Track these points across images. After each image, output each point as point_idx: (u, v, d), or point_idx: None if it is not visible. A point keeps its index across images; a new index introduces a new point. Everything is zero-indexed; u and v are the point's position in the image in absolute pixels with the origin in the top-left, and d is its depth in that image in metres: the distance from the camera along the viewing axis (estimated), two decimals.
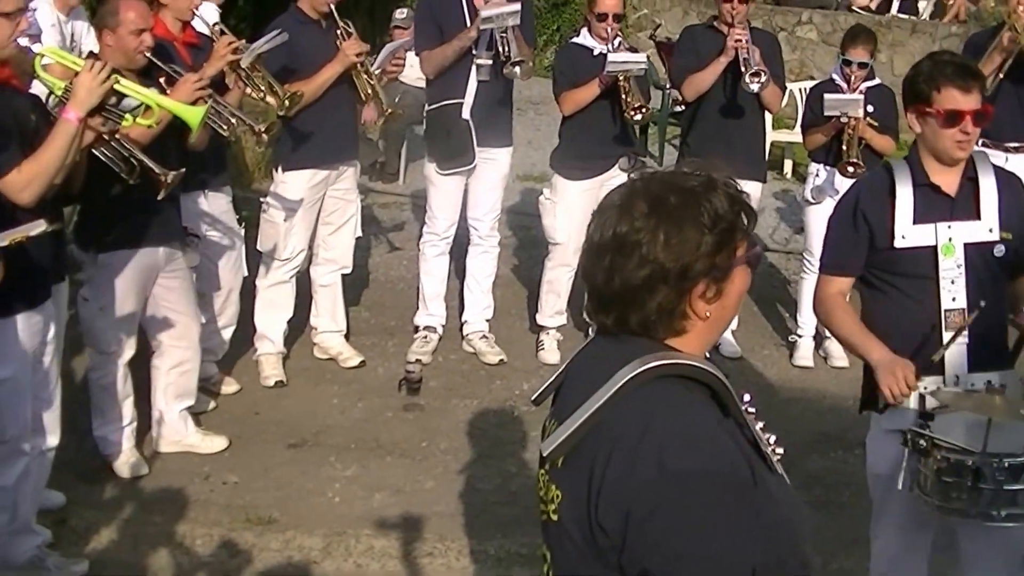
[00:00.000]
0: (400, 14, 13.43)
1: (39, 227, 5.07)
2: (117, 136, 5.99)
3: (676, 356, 2.71)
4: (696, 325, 2.75)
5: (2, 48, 5.32)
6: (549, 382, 3.04)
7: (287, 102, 7.51)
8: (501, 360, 8.85)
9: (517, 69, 8.19)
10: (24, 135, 5.40)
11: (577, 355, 3.00)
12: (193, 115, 5.88)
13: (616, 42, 8.38)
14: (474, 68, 8.38)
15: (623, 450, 2.59)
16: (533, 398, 3.11)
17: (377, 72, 8.13)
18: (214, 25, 7.66)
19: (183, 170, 6.39)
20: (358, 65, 7.95)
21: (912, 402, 4.88)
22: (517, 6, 8.16)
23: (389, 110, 8.17)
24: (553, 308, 9.05)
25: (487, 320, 9.06)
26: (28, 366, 5.65)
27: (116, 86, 5.43)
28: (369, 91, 8.07)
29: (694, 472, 2.54)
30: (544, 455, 2.79)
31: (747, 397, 2.82)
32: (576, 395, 2.76)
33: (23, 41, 5.40)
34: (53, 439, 6.11)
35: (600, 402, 2.66)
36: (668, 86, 14.02)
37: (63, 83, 5.56)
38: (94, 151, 5.95)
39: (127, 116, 5.68)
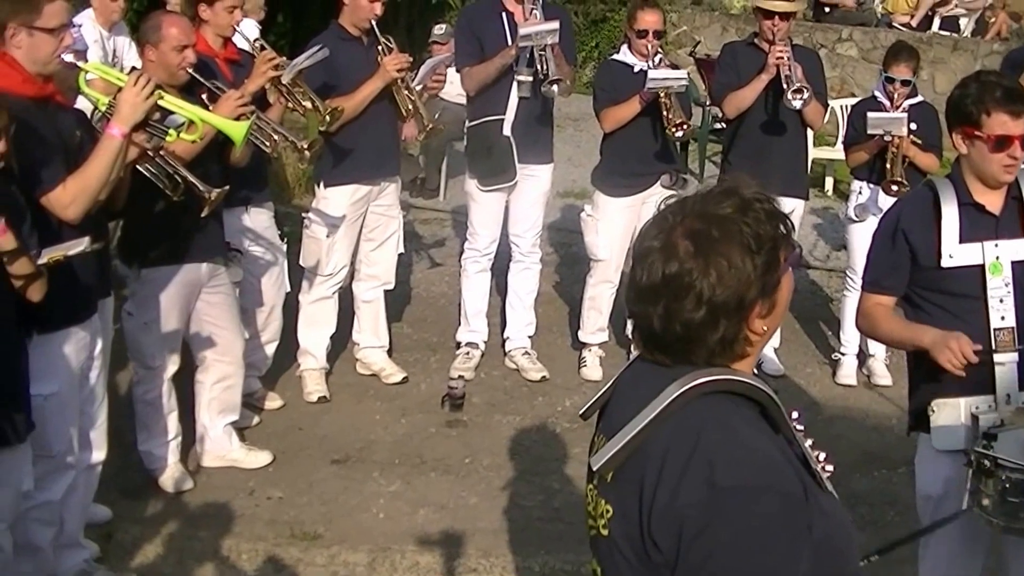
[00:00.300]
0: (438, 29, 13.46)
1: (80, 246, 5.07)
2: (161, 152, 5.99)
3: (725, 372, 2.70)
4: (755, 344, 2.75)
5: (47, 64, 5.33)
6: (596, 397, 3.02)
7: (328, 118, 7.51)
8: (543, 377, 8.82)
9: (555, 88, 8.16)
10: (69, 151, 5.40)
11: (625, 370, 2.97)
12: (237, 131, 5.88)
13: (657, 59, 8.34)
14: (515, 85, 8.36)
15: (673, 466, 2.58)
16: (581, 412, 3.10)
17: (418, 88, 8.13)
18: (255, 41, 7.67)
19: (227, 187, 6.39)
20: (399, 81, 7.95)
21: (962, 419, 4.83)
22: (555, 25, 8.14)
23: (430, 126, 8.16)
24: (595, 325, 9.02)
25: (529, 337, 9.04)
26: (74, 381, 5.65)
27: (160, 102, 5.42)
28: (410, 107, 8.06)
29: (745, 488, 2.53)
30: (594, 470, 2.77)
31: (795, 414, 2.81)
32: (625, 410, 2.75)
33: (68, 57, 5.40)
34: (100, 454, 6.13)
35: (649, 418, 2.65)
36: (708, 103, 14.00)
37: (107, 98, 5.56)
38: (138, 167, 5.96)
39: (171, 132, 5.68)
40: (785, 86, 8.24)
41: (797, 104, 8.25)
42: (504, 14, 8.40)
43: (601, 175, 8.85)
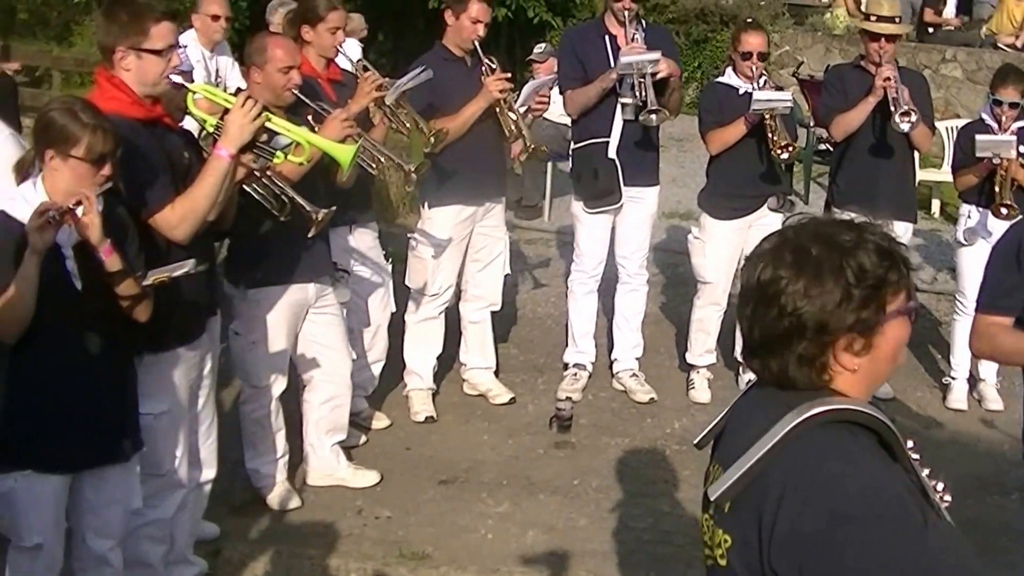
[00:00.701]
0: (538, 49, 13.43)
1: (184, 267, 5.07)
2: (268, 173, 5.98)
3: (842, 402, 2.67)
4: (844, 376, 2.71)
5: (155, 86, 5.33)
6: (712, 426, 3.04)
7: (433, 139, 7.48)
8: (651, 398, 8.73)
9: (653, 117, 8.10)
10: (177, 172, 5.40)
11: (740, 399, 2.97)
12: (344, 153, 5.84)
13: (762, 80, 8.26)
14: (619, 107, 8.29)
15: (793, 496, 2.57)
16: (696, 442, 3.11)
17: (522, 109, 8.08)
18: (357, 62, 7.66)
19: (334, 208, 6.35)
20: (502, 102, 7.91)
21: None
22: (657, 55, 8.09)
23: (532, 146, 8.09)
24: (703, 347, 8.92)
25: (637, 358, 8.95)
26: (184, 401, 5.65)
27: (267, 123, 5.40)
28: (513, 128, 8.01)
29: (865, 517, 2.51)
30: (711, 499, 2.76)
31: (910, 443, 2.78)
32: (741, 440, 2.75)
33: (175, 78, 5.40)
34: (209, 472, 6.14)
35: (767, 447, 2.64)
36: (812, 124, 13.83)
37: (214, 119, 5.55)
38: (245, 187, 5.95)
39: (278, 153, 5.66)
40: (892, 109, 8.10)
41: (905, 127, 8.10)
42: (607, 37, 8.36)
43: (708, 197, 8.77)
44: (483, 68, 7.90)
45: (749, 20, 9.23)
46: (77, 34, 20.83)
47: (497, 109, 7.92)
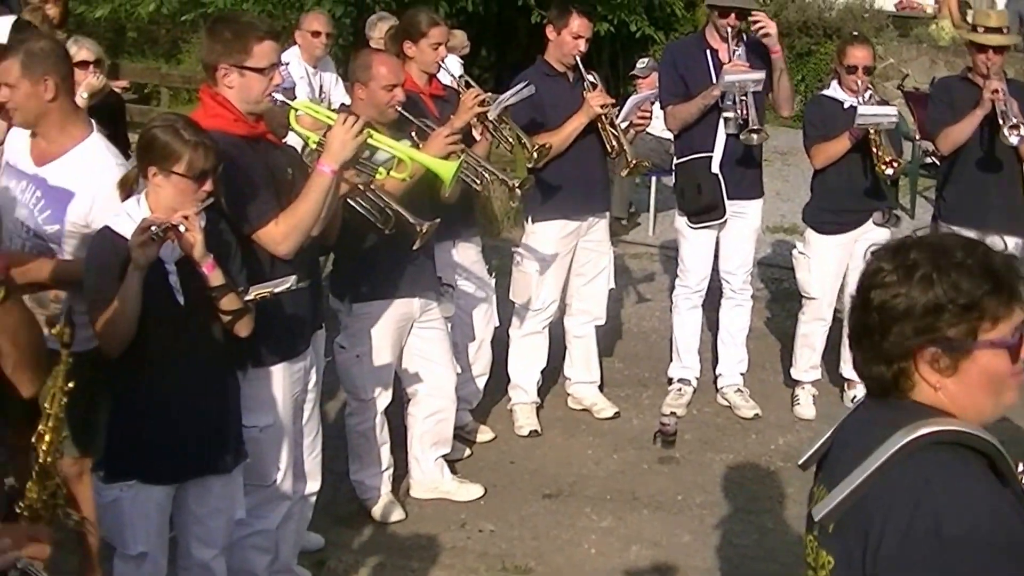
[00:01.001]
0: (641, 63, 13.38)
1: (286, 283, 5.08)
2: (372, 187, 5.99)
3: (951, 423, 2.63)
4: (926, 391, 2.68)
5: (257, 103, 5.36)
6: (816, 447, 3.00)
7: (536, 154, 7.46)
8: (756, 414, 8.64)
9: (755, 137, 8.04)
10: (280, 187, 5.41)
11: (846, 420, 2.93)
12: (446, 169, 5.82)
13: (867, 95, 8.14)
14: (722, 122, 8.22)
15: (898, 518, 2.53)
16: (800, 463, 3.07)
17: (624, 124, 8.05)
18: (459, 78, 7.66)
19: (437, 220, 6.35)
20: (603, 117, 7.87)
21: None
22: (761, 75, 8.05)
23: (634, 162, 8.05)
24: (808, 362, 8.81)
25: (741, 373, 8.86)
26: (289, 414, 5.67)
27: (369, 140, 5.40)
28: (615, 143, 7.97)
29: (972, 541, 2.46)
30: (815, 521, 2.72)
31: (1021, 467, 2.74)
32: (846, 461, 2.71)
33: (278, 96, 5.43)
34: (314, 484, 6.15)
35: (872, 468, 2.60)
36: (918, 137, 13.64)
37: (317, 136, 5.57)
38: (350, 201, 5.97)
39: (380, 169, 5.67)
40: (1001, 122, 7.93)
41: (1014, 140, 7.93)
42: (708, 51, 8.29)
43: (812, 212, 8.68)
44: (585, 83, 7.89)
45: (855, 33, 9.15)
46: (185, 52, 21.11)
47: (599, 124, 7.90)
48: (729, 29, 8.13)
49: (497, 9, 16.91)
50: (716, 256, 8.66)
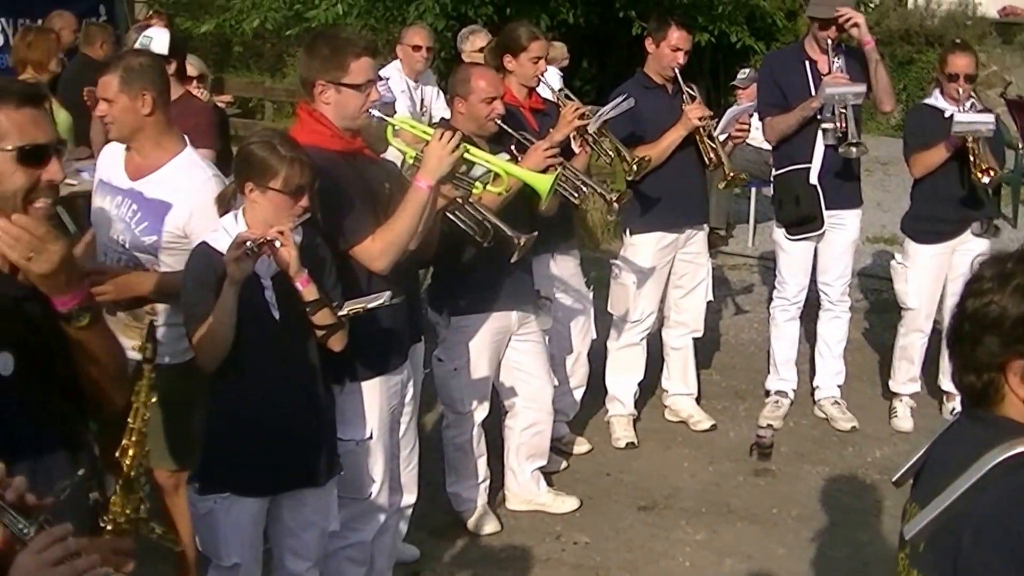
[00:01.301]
0: (741, 74, 13.31)
1: (379, 299, 5.05)
2: (470, 201, 6.00)
3: None
4: (1016, 406, 2.62)
5: (354, 119, 5.36)
6: (910, 464, 2.94)
7: (635, 167, 7.44)
8: (853, 427, 8.53)
9: (853, 150, 7.98)
10: (377, 203, 5.41)
11: (940, 436, 2.87)
12: (542, 183, 5.80)
13: (968, 103, 8.02)
14: (820, 133, 8.14)
15: (989, 538, 2.46)
16: (894, 480, 3.02)
17: (722, 137, 8.01)
18: (559, 91, 7.66)
19: (535, 233, 6.34)
20: (701, 130, 7.84)
21: None
22: (862, 88, 7.96)
23: (731, 174, 8.00)
24: (906, 375, 8.69)
25: (839, 386, 8.75)
26: (386, 427, 5.67)
27: (466, 155, 5.39)
28: (713, 156, 7.93)
29: None
30: (906, 539, 2.67)
31: None
32: (939, 479, 2.65)
33: (375, 112, 5.45)
34: (410, 497, 6.13)
35: (964, 487, 2.53)
36: (1021, 146, 13.44)
37: (414, 151, 5.59)
38: (448, 215, 5.98)
39: (477, 184, 5.67)
40: None
41: None
42: (807, 63, 8.21)
43: (911, 222, 8.57)
44: (683, 96, 7.86)
45: (957, 41, 8.99)
46: (290, 65, 21.31)
47: (697, 137, 7.86)
48: (829, 40, 8.06)
49: (597, 21, 16.90)
50: (814, 267, 8.57)
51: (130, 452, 3.36)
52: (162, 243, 5.42)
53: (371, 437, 5.55)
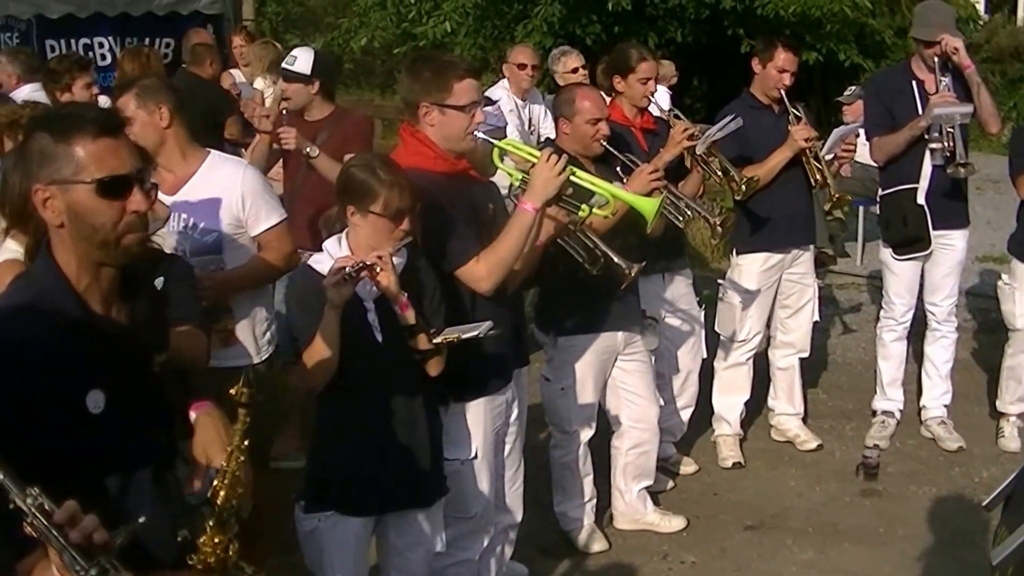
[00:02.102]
0: (847, 92, 13.21)
1: (477, 330, 5.02)
2: (583, 227, 5.99)
3: None
4: None
5: (459, 141, 5.36)
6: (1001, 489, 2.87)
7: (744, 187, 7.41)
8: (960, 447, 8.36)
9: (962, 170, 7.82)
10: (482, 224, 5.41)
11: None
12: (648, 207, 5.75)
13: None
14: (928, 153, 8.02)
15: None
16: (985, 503, 2.95)
17: (828, 157, 7.95)
18: (669, 111, 7.64)
19: (644, 263, 6.32)
20: (807, 151, 7.79)
21: None
22: (969, 108, 7.81)
23: (837, 196, 7.94)
24: (1014, 395, 8.50)
25: (945, 405, 8.59)
26: (490, 447, 5.65)
27: (572, 178, 5.34)
28: (819, 177, 7.87)
29: None
30: (992, 564, 2.60)
31: None
32: None
33: (479, 134, 5.45)
34: (516, 516, 6.13)
35: None
36: None
37: (520, 174, 5.59)
38: (558, 240, 5.96)
39: (583, 206, 5.66)
40: None
41: None
42: (914, 82, 8.07)
43: (1017, 242, 8.42)
44: (790, 116, 7.83)
45: None
46: (400, 83, 21.43)
47: (803, 157, 7.80)
48: (936, 59, 7.94)
49: (706, 39, 16.85)
50: (922, 287, 8.45)
51: (222, 493, 3.39)
52: (224, 237, 5.56)
53: (476, 457, 5.54)
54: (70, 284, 3.19)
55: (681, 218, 6.85)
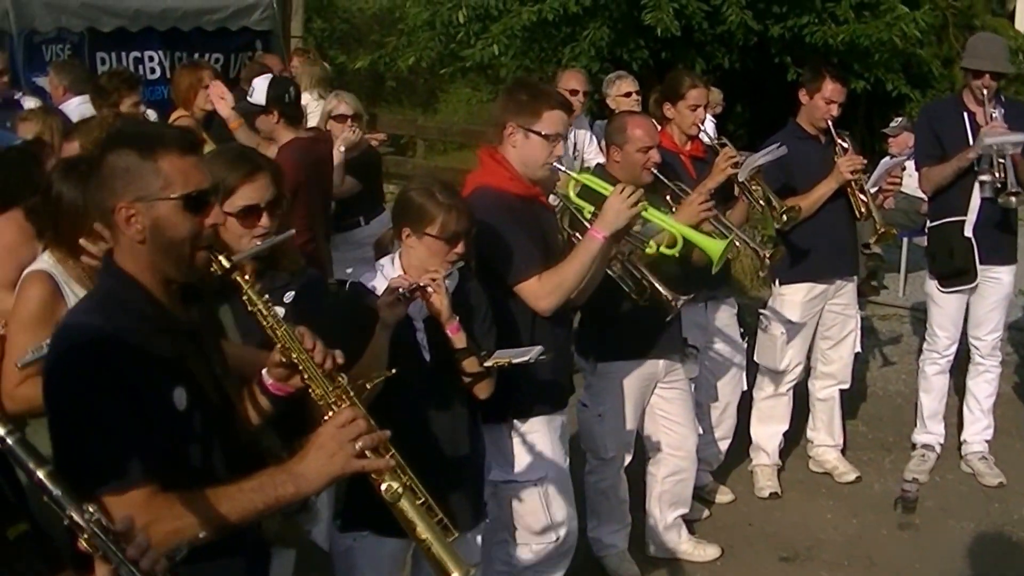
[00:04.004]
0: (893, 123, 13.13)
1: (527, 355, 5.02)
2: (631, 257, 5.98)
3: None
4: None
5: (536, 168, 5.47)
6: None
7: (785, 216, 7.36)
8: (1000, 482, 8.26)
9: (1013, 200, 7.76)
10: (548, 248, 5.49)
11: None
12: (715, 248, 5.76)
13: None
14: (977, 185, 7.96)
15: None
16: None
17: (873, 190, 7.88)
18: (717, 139, 7.63)
19: (691, 295, 6.30)
20: (852, 183, 7.73)
21: None
22: (1021, 137, 7.73)
23: (883, 230, 7.88)
24: None
25: (986, 440, 8.50)
26: (556, 465, 5.68)
27: (644, 213, 5.41)
28: (863, 210, 7.81)
29: None
30: None
31: None
32: None
33: (558, 166, 5.53)
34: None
35: None
36: None
37: (591, 207, 5.61)
38: (607, 269, 5.95)
39: (651, 242, 5.66)
40: None
41: None
42: (965, 114, 8.02)
43: None
44: (836, 148, 7.77)
45: None
46: (442, 102, 21.39)
47: (848, 189, 7.74)
48: (985, 90, 7.89)
49: (753, 66, 16.78)
50: (965, 320, 8.37)
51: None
52: None
53: (546, 476, 5.59)
54: (147, 290, 3.28)
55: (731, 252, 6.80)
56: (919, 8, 16.09)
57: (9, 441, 2.53)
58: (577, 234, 5.73)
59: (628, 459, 6.90)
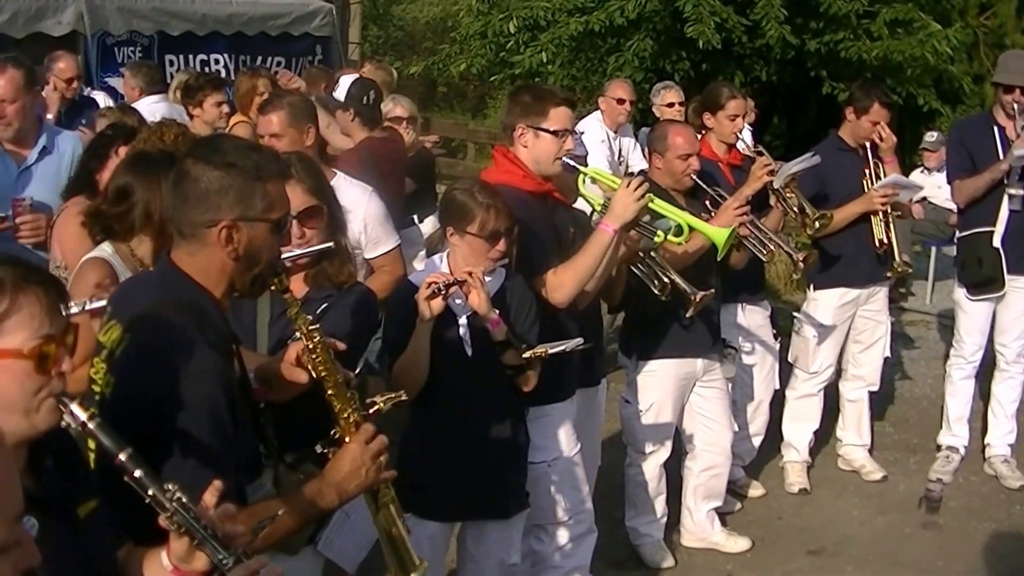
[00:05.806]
0: (929, 137, 13.11)
1: (564, 345, 5.06)
2: (653, 255, 5.97)
3: None
4: None
5: (548, 164, 5.45)
6: None
7: (817, 224, 7.35)
8: (1022, 485, 8.17)
9: None
10: (562, 243, 5.47)
11: None
12: (719, 236, 5.74)
13: None
14: (1006, 197, 7.91)
15: None
16: None
17: (895, 215, 7.87)
18: (755, 148, 7.62)
19: (712, 291, 6.26)
20: (882, 213, 7.71)
21: None
22: None
23: (900, 268, 7.87)
24: None
25: (1010, 444, 8.41)
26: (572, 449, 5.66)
27: (650, 205, 5.38)
28: (884, 239, 7.76)
29: None
30: None
31: None
32: None
33: (568, 161, 5.49)
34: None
35: None
36: None
37: (601, 200, 5.61)
38: (632, 268, 5.96)
39: (659, 232, 5.65)
40: None
41: None
42: (996, 128, 7.97)
43: None
44: (868, 171, 7.75)
45: None
46: (491, 107, 21.41)
47: (874, 216, 7.73)
48: (1016, 105, 7.83)
49: (790, 79, 16.72)
50: (992, 327, 8.30)
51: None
52: None
53: (559, 458, 5.57)
54: (215, 299, 3.29)
55: (764, 251, 6.80)
56: (951, 26, 16.02)
57: (91, 425, 2.55)
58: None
59: (667, 454, 6.90)
